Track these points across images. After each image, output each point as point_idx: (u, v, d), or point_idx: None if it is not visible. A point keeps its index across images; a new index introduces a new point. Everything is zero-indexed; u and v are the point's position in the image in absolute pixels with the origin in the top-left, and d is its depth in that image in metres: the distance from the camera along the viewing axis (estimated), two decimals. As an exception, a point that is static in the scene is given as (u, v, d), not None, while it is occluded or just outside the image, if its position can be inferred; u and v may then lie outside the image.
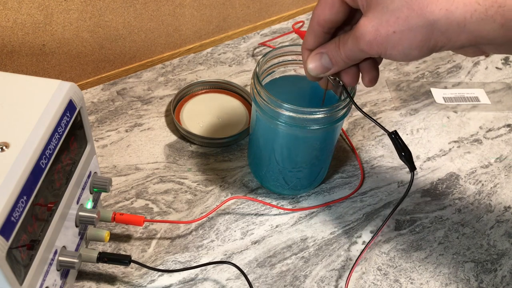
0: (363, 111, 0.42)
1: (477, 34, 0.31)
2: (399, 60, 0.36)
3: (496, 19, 0.30)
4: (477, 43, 0.32)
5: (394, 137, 0.41)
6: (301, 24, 0.70)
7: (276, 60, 0.49)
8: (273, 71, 0.50)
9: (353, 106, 0.43)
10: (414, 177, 0.57)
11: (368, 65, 0.40)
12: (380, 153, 0.59)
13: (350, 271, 0.47)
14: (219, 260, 0.48)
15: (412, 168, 0.40)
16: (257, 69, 0.46)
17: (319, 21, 0.39)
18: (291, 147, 0.49)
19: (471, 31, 0.31)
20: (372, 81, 0.41)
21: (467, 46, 0.33)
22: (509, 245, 0.51)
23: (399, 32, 0.33)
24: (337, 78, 0.42)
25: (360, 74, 0.42)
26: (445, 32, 0.32)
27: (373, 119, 0.42)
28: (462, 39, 0.32)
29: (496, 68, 0.73)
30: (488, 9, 0.30)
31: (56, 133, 0.36)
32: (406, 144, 0.60)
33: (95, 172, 0.45)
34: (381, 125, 0.42)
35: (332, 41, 0.40)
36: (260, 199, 0.54)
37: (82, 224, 0.43)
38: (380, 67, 0.71)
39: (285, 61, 0.49)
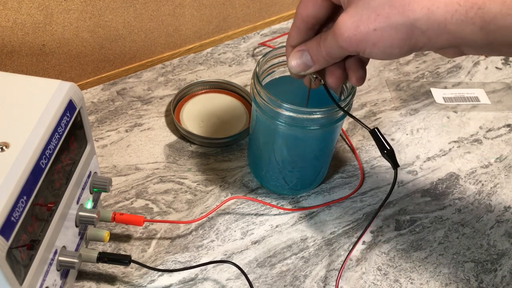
0: (340, 106, 0.41)
1: (457, 35, 0.31)
2: (379, 59, 0.35)
3: (476, 21, 0.30)
4: (457, 44, 0.32)
5: (376, 134, 0.40)
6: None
7: (276, 60, 0.49)
8: (273, 71, 0.50)
9: (353, 106, 0.43)
10: (414, 177, 0.57)
11: (354, 64, 0.40)
12: (380, 153, 0.59)
13: (341, 267, 0.47)
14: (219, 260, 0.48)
15: (395, 165, 0.39)
16: (257, 69, 0.46)
17: (302, 17, 0.39)
18: (291, 147, 0.49)
19: (451, 32, 0.31)
20: (359, 80, 0.40)
21: (447, 46, 0.33)
22: (509, 245, 0.51)
23: (379, 29, 0.32)
24: (319, 77, 0.42)
25: (347, 73, 0.41)
26: (425, 32, 0.31)
27: (351, 115, 0.41)
28: (442, 39, 0.32)
29: (496, 68, 0.73)
30: (468, 10, 0.30)
31: (56, 133, 0.36)
32: (407, 144, 0.61)
33: (95, 172, 0.45)
34: (361, 122, 0.41)
35: (314, 38, 0.39)
36: (260, 199, 0.54)
37: (82, 224, 0.43)
38: (380, 67, 0.71)
39: (285, 61, 0.49)
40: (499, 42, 0.30)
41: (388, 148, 0.39)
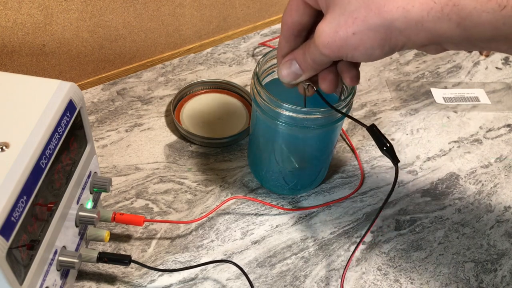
0: (336, 109, 0.42)
1: (434, 32, 0.31)
2: (362, 61, 0.35)
3: (452, 17, 0.30)
4: (436, 41, 0.32)
5: (373, 130, 0.40)
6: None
7: (276, 60, 0.49)
8: (273, 71, 0.50)
9: (353, 106, 0.43)
10: (414, 177, 0.57)
11: (346, 65, 0.39)
12: (380, 153, 0.59)
13: (345, 267, 0.47)
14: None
15: (396, 161, 0.39)
16: (257, 69, 0.46)
17: (287, 25, 0.39)
18: (291, 147, 0.49)
19: (429, 29, 0.31)
20: (354, 79, 0.40)
21: (427, 44, 0.33)
22: (509, 245, 0.51)
23: (358, 33, 0.32)
24: (311, 84, 0.41)
25: (341, 75, 0.40)
26: (403, 31, 0.31)
27: (349, 115, 0.41)
28: (421, 37, 0.32)
29: (496, 68, 0.73)
30: (444, 7, 0.30)
31: (56, 133, 0.36)
32: (407, 144, 0.61)
33: (95, 172, 0.45)
34: (358, 120, 0.41)
35: (301, 46, 0.39)
36: (260, 199, 0.54)
37: (82, 224, 0.43)
38: (380, 67, 0.71)
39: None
40: (477, 38, 0.30)
41: (387, 144, 0.39)
